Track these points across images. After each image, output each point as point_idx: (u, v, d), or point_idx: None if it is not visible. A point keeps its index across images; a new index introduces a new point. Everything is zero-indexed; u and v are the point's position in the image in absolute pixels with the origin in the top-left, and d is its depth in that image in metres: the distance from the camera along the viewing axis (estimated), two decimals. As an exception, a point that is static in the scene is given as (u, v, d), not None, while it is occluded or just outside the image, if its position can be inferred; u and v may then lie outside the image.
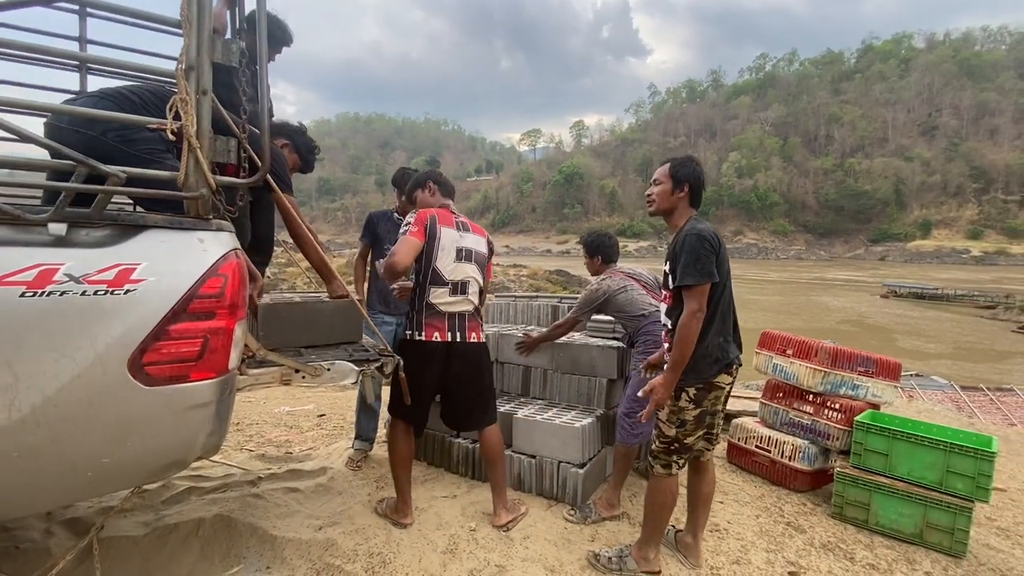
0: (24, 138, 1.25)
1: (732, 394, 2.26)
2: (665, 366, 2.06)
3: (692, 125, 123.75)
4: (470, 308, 2.45)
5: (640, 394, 2.12)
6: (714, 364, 2.03)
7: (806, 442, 3.12)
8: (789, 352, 3.32)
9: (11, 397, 1.24)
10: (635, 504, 2.77)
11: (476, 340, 2.45)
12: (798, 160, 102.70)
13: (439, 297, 2.36)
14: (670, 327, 2.10)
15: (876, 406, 3.19)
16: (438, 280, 2.37)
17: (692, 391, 2.05)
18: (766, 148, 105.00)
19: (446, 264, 2.38)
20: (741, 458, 3.42)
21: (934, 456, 2.62)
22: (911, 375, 12.56)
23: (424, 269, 2.37)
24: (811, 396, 3.23)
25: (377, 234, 3.28)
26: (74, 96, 1.93)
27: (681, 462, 2.11)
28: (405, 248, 2.30)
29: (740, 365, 2.16)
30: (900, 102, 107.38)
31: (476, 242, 2.51)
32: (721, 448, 3.66)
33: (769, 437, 3.26)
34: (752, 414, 3.72)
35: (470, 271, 2.45)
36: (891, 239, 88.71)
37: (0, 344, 1.23)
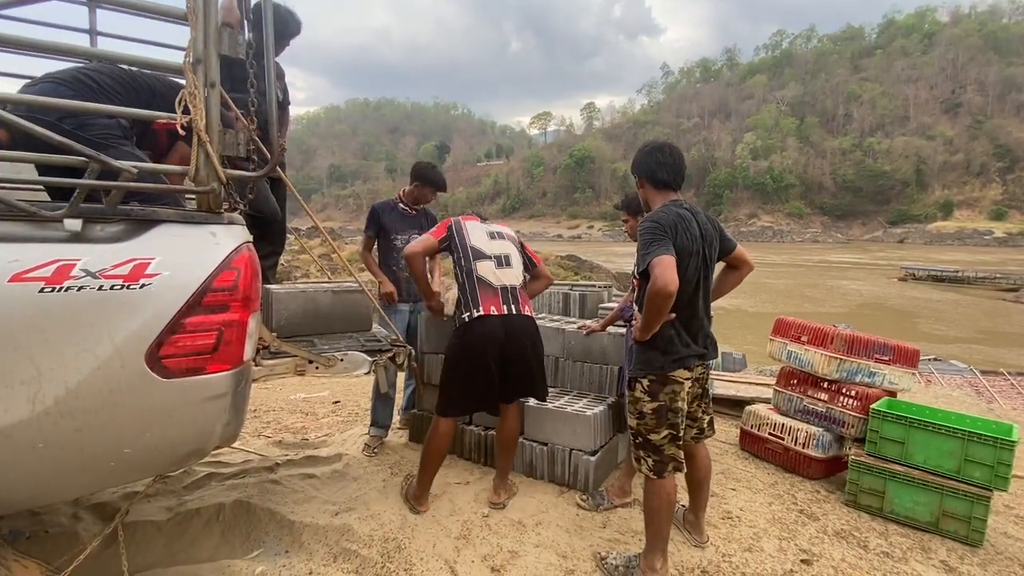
0: (31, 134, 1.25)
1: (746, 380, 2.23)
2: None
3: (706, 105, 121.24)
4: (517, 281, 2.49)
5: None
6: (661, 356, 2.01)
7: (820, 430, 3.10)
8: (804, 339, 3.28)
9: (35, 390, 1.27)
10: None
11: (529, 313, 2.48)
12: (815, 140, 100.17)
13: (486, 270, 2.42)
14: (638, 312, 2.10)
15: (893, 394, 3.15)
16: (480, 255, 2.45)
17: (646, 382, 2.05)
18: (782, 128, 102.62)
19: (481, 242, 2.49)
20: (754, 445, 3.41)
21: (952, 444, 2.59)
22: (929, 359, 12.36)
23: (462, 252, 2.46)
24: (826, 383, 3.20)
25: (383, 225, 3.25)
26: (28, 82, 1.85)
27: (651, 461, 2.04)
28: (422, 241, 2.50)
29: (705, 365, 2.17)
30: (922, 79, 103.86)
31: (502, 230, 2.65)
32: (734, 435, 3.65)
33: (783, 424, 3.25)
34: (766, 401, 3.70)
35: (507, 247, 2.56)
36: (911, 221, 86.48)
37: (22, 339, 1.26)
